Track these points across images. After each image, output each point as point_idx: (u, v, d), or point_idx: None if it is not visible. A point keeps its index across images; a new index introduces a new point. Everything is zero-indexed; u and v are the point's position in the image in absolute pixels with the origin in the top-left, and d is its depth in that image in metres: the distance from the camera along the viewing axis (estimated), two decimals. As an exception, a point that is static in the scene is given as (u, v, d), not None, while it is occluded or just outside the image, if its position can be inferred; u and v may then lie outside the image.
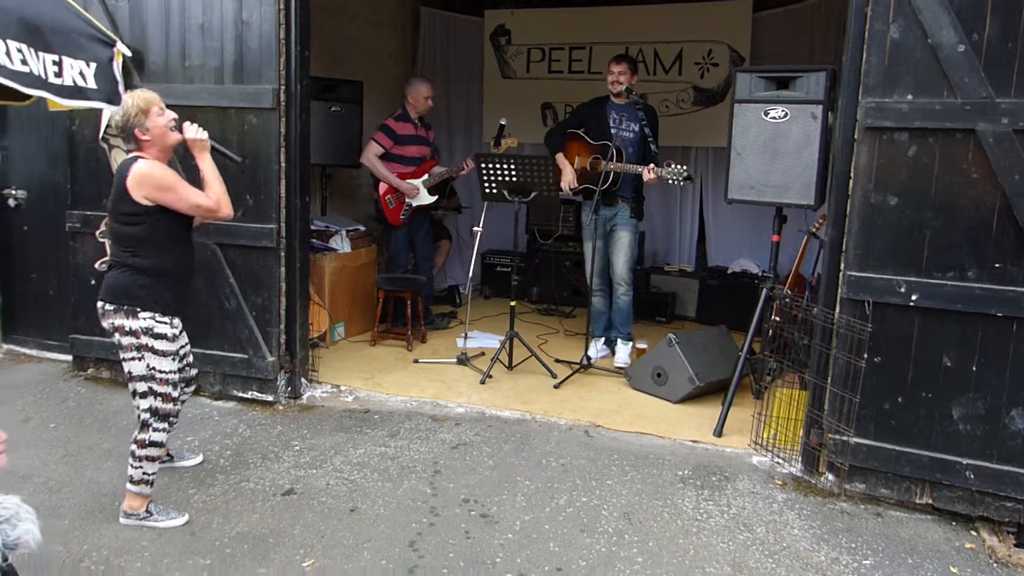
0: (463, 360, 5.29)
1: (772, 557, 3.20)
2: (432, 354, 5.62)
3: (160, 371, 3.24)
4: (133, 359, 3.21)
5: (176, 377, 3.33)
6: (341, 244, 5.88)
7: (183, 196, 3.16)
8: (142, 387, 3.25)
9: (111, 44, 2.85)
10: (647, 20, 7.36)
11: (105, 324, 3.26)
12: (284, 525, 3.34)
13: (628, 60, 5.41)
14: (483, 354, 5.43)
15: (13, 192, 5.45)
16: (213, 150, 3.32)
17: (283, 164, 4.46)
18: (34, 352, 5.57)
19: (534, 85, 7.98)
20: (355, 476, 3.78)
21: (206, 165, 3.27)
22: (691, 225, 7.60)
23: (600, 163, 5.24)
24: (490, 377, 5.02)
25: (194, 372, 3.70)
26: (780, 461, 3.96)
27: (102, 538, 3.21)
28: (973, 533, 3.45)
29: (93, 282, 4.78)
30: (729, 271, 6.87)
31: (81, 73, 2.60)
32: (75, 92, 2.68)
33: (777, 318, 4.78)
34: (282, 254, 4.52)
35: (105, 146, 4.57)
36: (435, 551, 3.16)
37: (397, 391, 4.83)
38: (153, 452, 3.29)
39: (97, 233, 4.72)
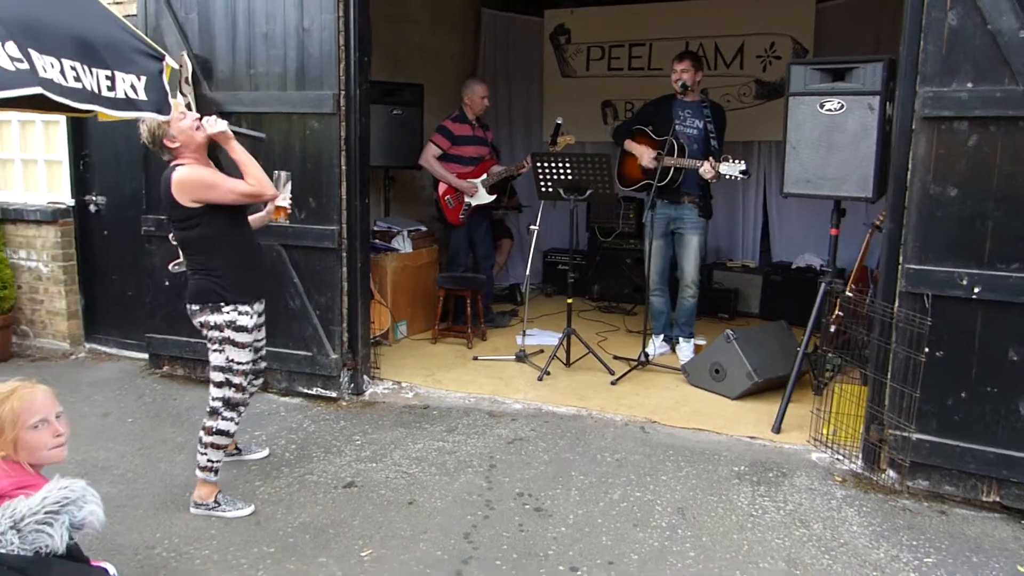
0: (521, 357, 5.35)
1: (828, 553, 3.16)
2: (492, 351, 5.69)
3: (237, 363, 3.42)
4: (215, 351, 3.41)
5: (249, 367, 3.50)
6: (403, 244, 6.01)
7: (226, 188, 3.28)
8: (219, 377, 3.43)
9: (160, 58, 3.02)
10: (707, 14, 7.30)
11: (195, 323, 3.47)
12: (344, 516, 3.45)
13: (691, 57, 5.37)
14: (542, 351, 5.47)
15: (94, 198, 5.75)
16: (237, 135, 3.38)
17: (344, 167, 4.60)
18: (114, 351, 5.86)
19: (594, 83, 7.99)
20: (413, 470, 3.88)
21: (237, 153, 3.34)
22: (755, 220, 7.50)
23: (661, 159, 5.23)
24: (548, 374, 5.06)
25: (263, 365, 3.85)
26: (840, 458, 3.90)
27: (173, 527, 3.38)
28: (1044, 532, 3.34)
29: (167, 283, 5.01)
30: (793, 266, 6.76)
31: (132, 86, 2.76)
32: (127, 104, 2.85)
33: (840, 313, 4.69)
34: (344, 255, 4.65)
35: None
36: (489, 543, 3.23)
37: (456, 388, 4.92)
38: (219, 440, 3.45)
39: (170, 236, 4.93)
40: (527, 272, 5.47)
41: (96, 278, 5.89)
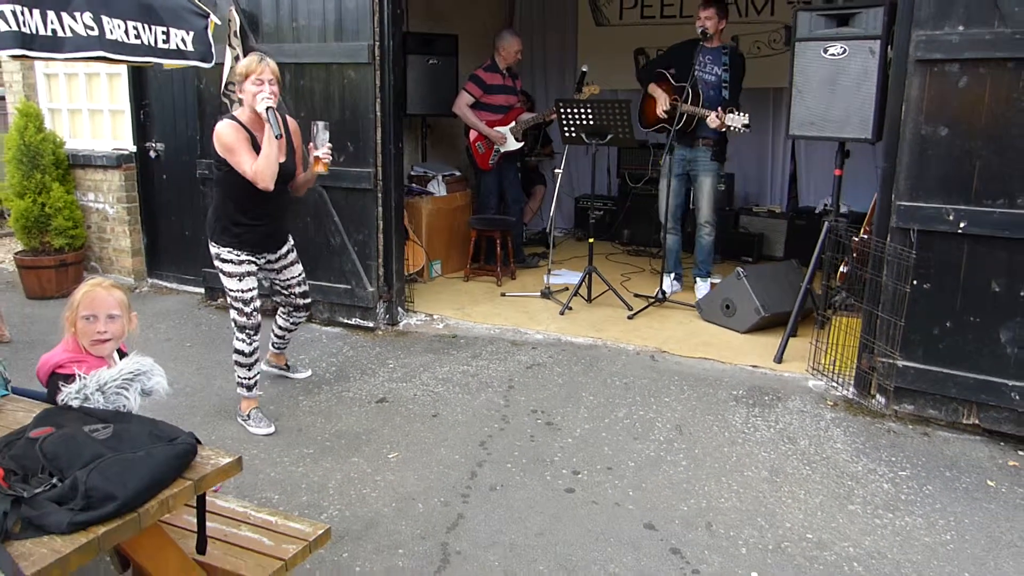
0: (546, 294, 5.69)
1: (809, 465, 3.47)
2: (519, 289, 6.04)
3: (231, 290, 3.75)
4: (218, 278, 3.81)
5: (250, 295, 3.76)
6: (437, 188, 6.35)
7: (236, 160, 3.51)
8: (227, 301, 3.84)
9: (205, 16, 3.43)
10: (741, -40, 7.37)
11: None
12: (375, 426, 3.87)
13: (716, 4, 5.52)
14: (567, 289, 5.79)
15: (154, 145, 6.20)
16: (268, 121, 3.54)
17: (378, 114, 4.93)
18: (174, 285, 6.36)
19: (627, 31, 8.13)
20: (439, 389, 4.27)
21: (266, 141, 3.50)
22: (783, 166, 7.63)
23: (678, 104, 5.44)
24: (569, 309, 5.40)
25: (302, 301, 4.13)
26: (835, 385, 4.17)
27: (227, 432, 3.83)
28: (1020, 453, 3.59)
29: (220, 222, 5.44)
30: (817, 211, 6.92)
31: (183, 40, 3.19)
32: (178, 54, 3.30)
33: (855, 254, 4.90)
34: (379, 195, 5.01)
35: (227, 100, 5.16)
36: (502, 450, 3.61)
37: (483, 320, 5.29)
38: (237, 358, 3.85)
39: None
40: (551, 214, 5.76)
41: (156, 219, 6.38)
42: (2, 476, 1.79)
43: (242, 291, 3.77)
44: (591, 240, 5.56)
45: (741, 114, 5.13)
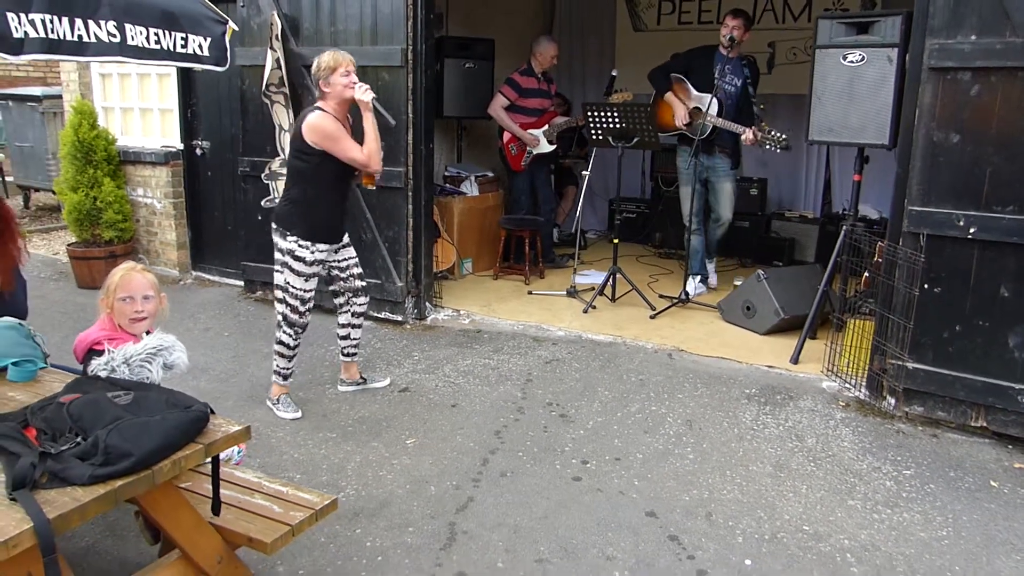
0: (572, 293, 5.82)
1: (815, 462, 3.55)
2: (547, 287, 6.18)
3: (293, 287, 3.90)
4: (277, 271, 3.96)
5: (309, 296, 3.96)
6: (470, 188, 6.53)
7: (342, 148, 3.71)
8: (279, 295, 3.98)
9: (224, 23, 3.67)
10: (777, -33, 7.41)
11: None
12: (396, 413, 4.04)
13: (744, 15, 5.61)
14: (593, 289, 5.91)
15: (200, 142, 6.49)
16: (375, 111, 3.79)
17: (410, 115, 5.12)
18: (216, 278, 6.64)
19: (664, 37, 8.20)
20: (460, 381, 4.43)
21: (367, 124, 3.76)
22: (816, 173, 7.65)
23: (698, 115, 5.53)
24: (593, 307, 5.52)
25: (360, 283, 4.20)
26: (848, 386, 4.23)
27: (256, 415, 4.04)
28: (1026, 456, 3.62)
29: (260, 217, 5.70)
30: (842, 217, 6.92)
31: (199, 45, 3.46)
32: (194, 58, 3.58)
33: (879, 259, 4.93)
34: (409, 194, 5.20)
35: (267, 101, 5.40)
36: (515, 439, 3.76)
37: (508, 316, 5.44)
38: (280, 349, 4.03)
39: (263, 176, 5.60)
40: (578, 213, 5.89)
41: (201, 214, 6.67)
42: (35, 435, 1.99)
43: (304, 291, 3.92)
44: (616, 241, 5.67)
45: (777, 133, 5.20)
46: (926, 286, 3.73)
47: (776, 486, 3.34)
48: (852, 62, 4.11)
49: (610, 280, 5.67)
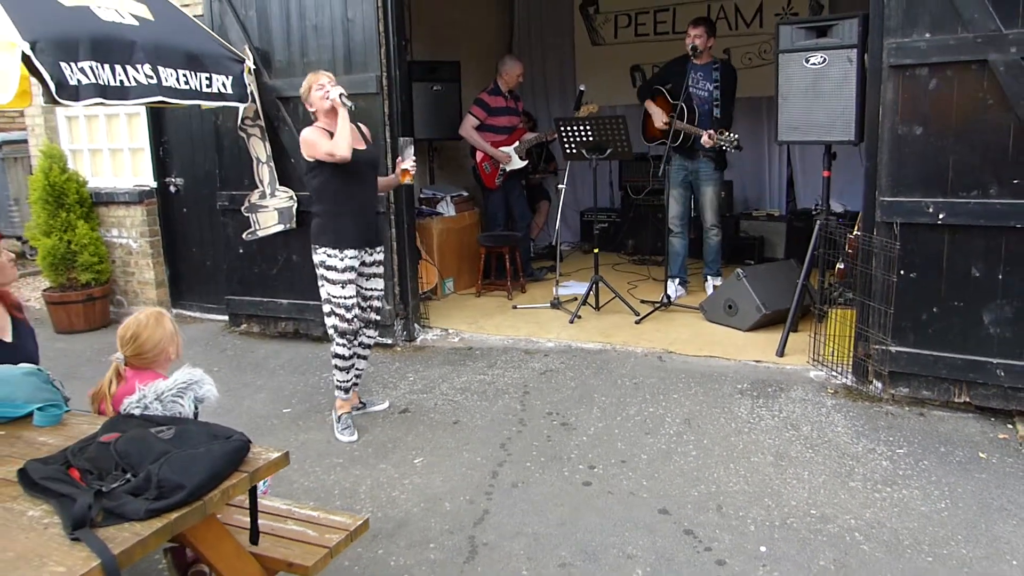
0: (556, 304, 5.93)
1: (812, 448, 3.68)
2: (530, 301, 6.29)
3: (333, 296, 4.01)
4: (320, 286, 4.06)
5: (351, 302, 4.03)
6: (446, 208, 6.62)
7: (319, 148, 3.87)
8: (326, 308, 4.08)
9: (241, 61, 3.80)
10: (728, -23, 7.66)
11: None
12: (400, 434, 4.10)
13: (705, 23, 5.81)
14: (575, 299, 6.02)
15: (173, 180, 6.50)
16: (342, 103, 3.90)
17: (388, 140, 5.19)
18: (197, 314, 6.63)
19: (622, 49, 8.43)
20: (458, 398, 4.50)
21: (340, 119, 3.87)
22: (779, 172, 7.89)
23: (672, 121, 5.72)
24: (579, 317, 5.63)
25: (375, 316, 4.27)
26: (834, 374, 4.38)
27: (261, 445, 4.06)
28: (1009, 426, 3.80)
29: (241, 251, 5.72)
30: (813, 212, 7.14)
31: (223, 84, 3.59)
32: (219, 97, 3.77)
33: (850, 251, 5.12)
34: (392, 217, 5.27)
35: (243, 135, 5.44)
36: (521, 450, 3.84)
37: (496, 332, 5.53)
38: (337, 362, 4.12)
39: (243, 209, 5.63)
40: (557, 227, 6.02)
41: (178, 251, 6.66)
42: (79, 477, 2.03)
43: (344, 298, 4.02)
44: (596, 251, 5.80)
45: (729, 134, 5.41)
46: (902, 272, 3.91)
47: (779, 474, 3.47)
48: (814, 64, 4.30)
49: (593, 289, 5.78)
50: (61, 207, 6.36)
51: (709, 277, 6.14)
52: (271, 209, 5.52)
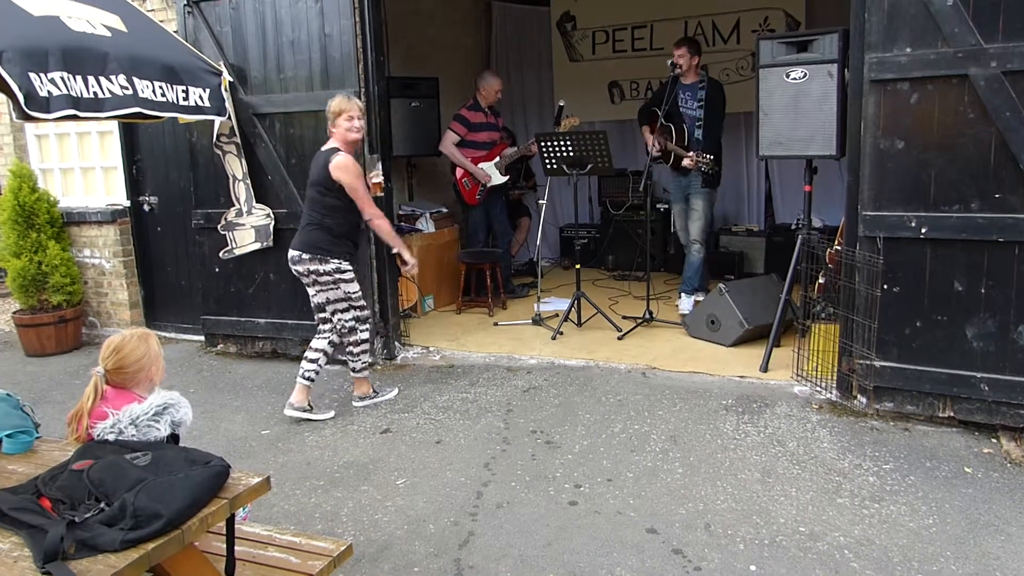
0: (537, 321, 5.88)
1: (799, 465, 3.65)
2: (511, 317, 6.23)
3: (351, 292, 4.46)
4: (329, 289, 4.40)
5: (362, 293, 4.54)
6: (426, 225, 6.56)
7: (359, 193, 4.30)
8: (342, 305, 4.48)
9: (219, 74, 3.75)
10: (705, -7, 7.71)
11: (299, 268, 4.39)
12: (382, 455, 4.02)
13: (688, 43, 5.85)
14: (557, 315, 5.98)
15: (147, 198, 6.39)
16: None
17: (367, 156, 5.14)
18: (172, 335, 6.50)
19: (600, 66, 8.45)
20: (440, 417, 4.43)
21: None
22: (758, 187, 7.93)
23: (665, 142, 5.80)
24: (561, 333, 5.59)
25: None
26: (819, 389, 4.37)
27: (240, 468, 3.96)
28: (993, 440, 3.79)
29: (218, 269, 5.62)
30: (793, 227, 7.17)
31: (200, 97, 3.54)
32: (196, 110, 3.70)
33: (831, 265, 5.13)
34: (371, 235, 5.20)
35: (219, 152, 5.36)
36: (506, 470, 3.77)
37: (478, 349, 5.47)
38: (363, 347, 4.57)
39: (219, 227, 5.54)
40: (538, 242, 5.98)
41: (153, 270, 6.55)
42: (50, 507, 1.95)
43: (360, 293, 4.51)
44: (578, 266, 5.77)
45: (707, 156, 5.60)
46: (886, 286, 3.91)
47: (767, 492, 3.43)
48: (795, 79, 4.31)
49: (575, 305, 5.75)
50: (31, 227, 6.23)
51: (683, 294, 6.11)
52: (248, 227, 5.44)
